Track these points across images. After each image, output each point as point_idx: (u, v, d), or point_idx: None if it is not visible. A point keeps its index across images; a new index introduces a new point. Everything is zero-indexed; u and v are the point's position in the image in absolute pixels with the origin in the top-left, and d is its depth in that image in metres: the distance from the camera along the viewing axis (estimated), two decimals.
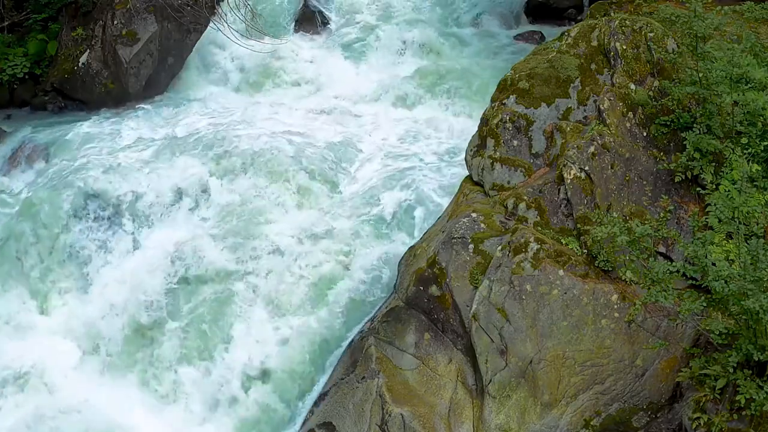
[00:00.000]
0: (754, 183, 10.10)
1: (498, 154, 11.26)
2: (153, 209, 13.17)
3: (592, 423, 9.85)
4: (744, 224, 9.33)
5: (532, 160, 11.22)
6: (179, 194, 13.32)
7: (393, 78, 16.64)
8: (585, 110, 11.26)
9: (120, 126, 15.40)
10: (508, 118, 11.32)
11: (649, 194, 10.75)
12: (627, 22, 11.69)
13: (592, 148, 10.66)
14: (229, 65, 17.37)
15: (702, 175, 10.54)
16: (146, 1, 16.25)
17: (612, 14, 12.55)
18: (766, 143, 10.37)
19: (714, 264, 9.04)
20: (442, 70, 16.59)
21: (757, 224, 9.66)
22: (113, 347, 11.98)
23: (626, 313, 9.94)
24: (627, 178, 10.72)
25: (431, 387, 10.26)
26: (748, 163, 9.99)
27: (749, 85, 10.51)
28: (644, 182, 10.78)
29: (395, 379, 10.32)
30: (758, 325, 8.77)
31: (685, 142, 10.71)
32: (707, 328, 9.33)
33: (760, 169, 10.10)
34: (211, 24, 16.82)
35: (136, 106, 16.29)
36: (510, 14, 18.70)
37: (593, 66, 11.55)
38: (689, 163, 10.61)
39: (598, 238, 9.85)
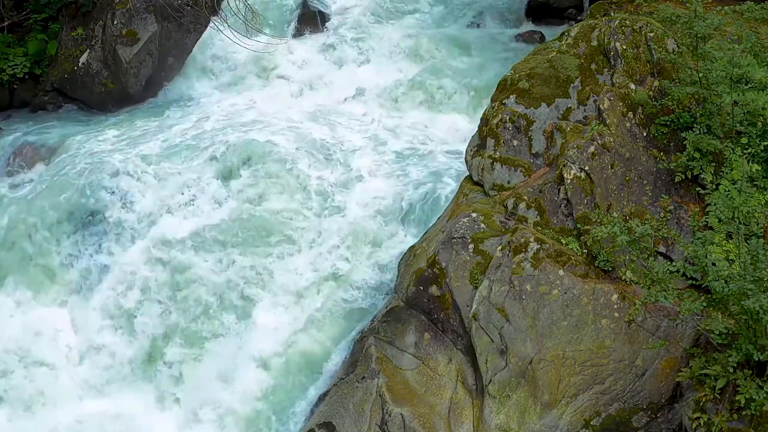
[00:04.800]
0: (754, 183, 10.10)
1: (498, 153, 11.26)
2: (153, 209, 13.16)
3: (592, 423, 9.85)
4: (744, 224, 9.34)
5: (532, 160, 11.22)
6: (180, 194, 13.31)
7: (392, 78, 16.62)
8: (585, 110, 11.26)
9: (120, 126, 15.40)
10: (508, 117, 11.32)
11: (649, 194, 10.75)
12: (627, 22, 11.69)
13: (592, 148, 10.66)
14: (229, 65, 17.37)
15: (702, 175, 10.54)
16: (146, 1, 16.25)
17: (612, 14, 12.55)
18: (766, 143, 10.37)
19: (714, 264, 9.04)
20: (441, 70, 16.57)
21: (757, 224, 9.66)
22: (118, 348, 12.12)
23: (626, 313, 9.94)
24: (627, 178, 10.72)
25: (431, 387, 10.26)
26: (748, 163, 9.99)
27: (749, 85, 10.51)
28: (644, 182, 10.79)
29: (395, 379, 10.32)
30: (758, 325, 8.77)
31: (685, 142, 10.72)
32: (707, 328, 9.33)
33: (760, 169, 10.11)
34: (211, 24, 16.82)
35: (136, 106, 16.30)
36: (510, 14, 18.69)
37: (593, 66, 11.55)
38: (689, 163, 10.62)
39: (598, 237, 9.85)
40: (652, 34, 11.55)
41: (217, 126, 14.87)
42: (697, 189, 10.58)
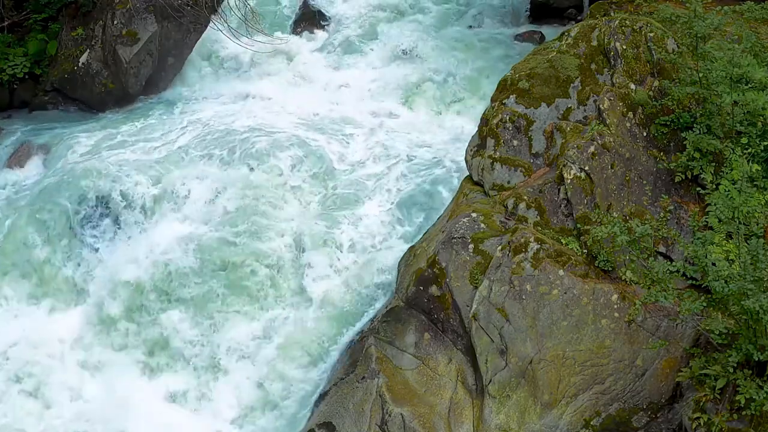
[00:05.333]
0: (754, 183, 10.10)
1: (498, 153, 11.26)
2: (154, 208, 13.16)
3: (592, 423, 9.85)
4: (744, 224, 9.34)
5: (532, 160, 11.22)
6: (180, 193, 13.30)
7: (392, 78, 16.61)
8: (585, 110, 11.26)
9: (119, 126, 15.39)
10: (508, 117, 11.33)
11: (649, 194, 10.75)
12: (627, 22, 11.70)
13: (592, 148, 10.66)
14: (228, 65, 17.37)
15: (702, 175, 10.54)
16: (146, 1, 16.26)
17: (612, 14, 12.56)
18: (766, 143, 10.37)
19: (714, 264, 9.04)
20: (441, 71, 16.58)
21: (757, 224, 9.66)
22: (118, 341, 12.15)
23: (626, 313, 9.94)
24: (627, 178, 10.72)
25: (431, 387, 10.26)
26: (748, 163, 9.99)
27: (749, 85, 10.51)
28: (644, 182, 10.79)
29: (395, 379, 10.32)
30: (758, 325, 8.77)
31: (685, 142, 10.72)
32: (707, 328, 9.33)
33: (760, 169, 10.11)
34: (210, 24, 16.83)
35: (136, 106, 16.30)
36: (510, 14, 18.70)
37: (593, 66, 11.55)
38: (689, 163, 10.62)
39: (599, 237, 9.85)
40: (652, 34, 11.55)
41: (216, 126, 14.85)
42: (697, 189, 10.58)
